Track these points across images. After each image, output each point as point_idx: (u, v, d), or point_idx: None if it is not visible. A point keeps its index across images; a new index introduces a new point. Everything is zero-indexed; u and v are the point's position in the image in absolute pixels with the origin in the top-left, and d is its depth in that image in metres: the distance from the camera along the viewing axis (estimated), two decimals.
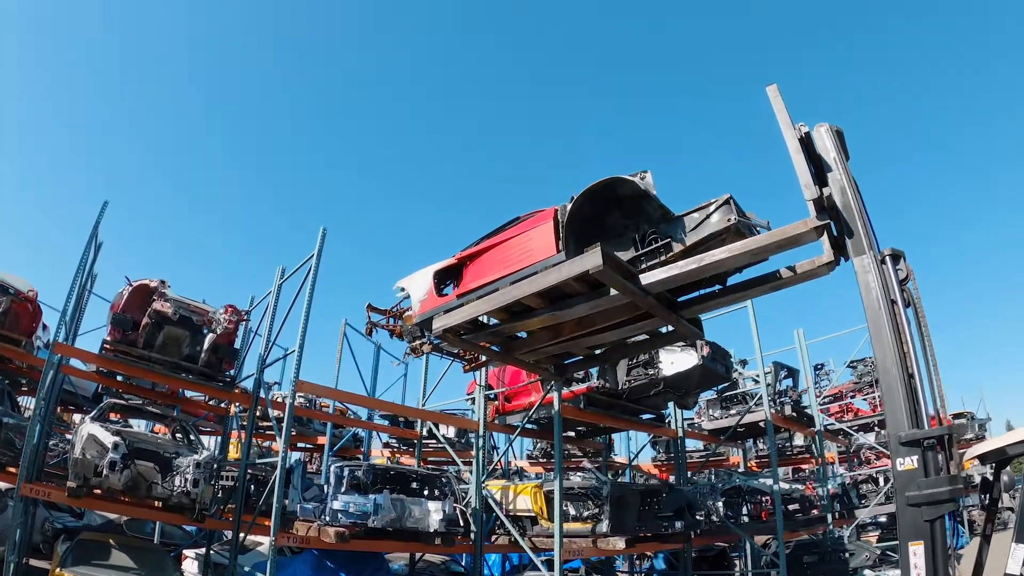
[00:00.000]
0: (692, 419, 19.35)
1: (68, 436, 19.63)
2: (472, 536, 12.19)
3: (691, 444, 20.82)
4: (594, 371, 13.36)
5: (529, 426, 14.14)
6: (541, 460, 23.59)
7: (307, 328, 10.79)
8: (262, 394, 12.05)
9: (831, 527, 18.48)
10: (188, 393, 15.69)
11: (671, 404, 15.16)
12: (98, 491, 10.38)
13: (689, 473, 17.33)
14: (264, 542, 11.65)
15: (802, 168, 5.89)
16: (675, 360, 12.27)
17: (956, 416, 29.26)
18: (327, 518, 10.58)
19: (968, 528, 27.95)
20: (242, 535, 11.31)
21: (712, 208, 6.81)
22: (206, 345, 11.86)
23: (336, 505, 10.53)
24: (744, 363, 18.32)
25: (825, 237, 6.18)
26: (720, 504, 15.48)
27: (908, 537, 4.92)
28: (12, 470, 10.64)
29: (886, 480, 20.68)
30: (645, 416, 14.66)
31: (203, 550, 13.25)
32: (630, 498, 12.55)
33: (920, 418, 5.17)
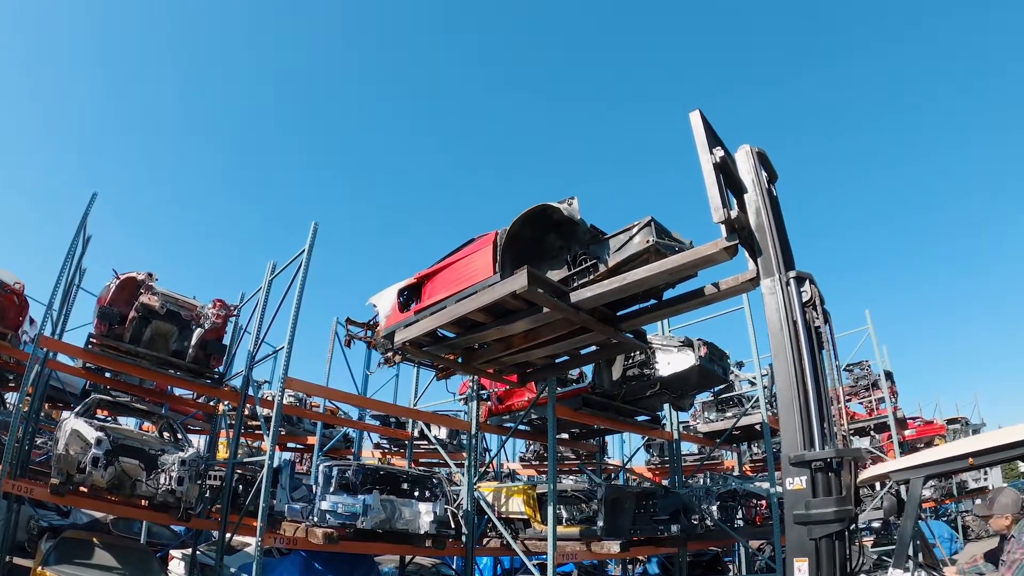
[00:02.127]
0: (687, 422, 19.21)
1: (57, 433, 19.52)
2: (463, 539, 12.03)
3: (686, 447, 20.68)
4: (588, 371, 13.25)
5: (522, 427, 13.99)
6: (534, 463, 23.41)
7: (297, 324, 10.60)
8: (251, 392, 11.86)
9: None
10: (176, 391, 15.51)
11: (667, 406, 15.02)
12: (83, 489, 10.15)
13: (684, 477, 17.18)
14: (251, 543, 11.43)
15: (713, 192, 6.11)
16: (672, 360, 12.11)
17: (951, 421, 29.33)
18: (315, 519, 10.39)
19: (963, 534, 28.02)
20: (228, 535, 11.10)
21: (635, 230, 7.35)
22: (194, 340, 11.66)
23: (324, 505, 10.34)
24: (740, 365, 18.20)
25: (747, 254, 6.44)
26: (715, 508, 15.34)
27: (794, 553, 5.15)
28: None
29: (882, 485, 20.54)
30: (640, 418, 14.50)
31: (190, 551, 13.05)
32: (625, 501, 12.40)
33: (812, 439, 5.31)
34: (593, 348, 9.96)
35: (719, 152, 6.21)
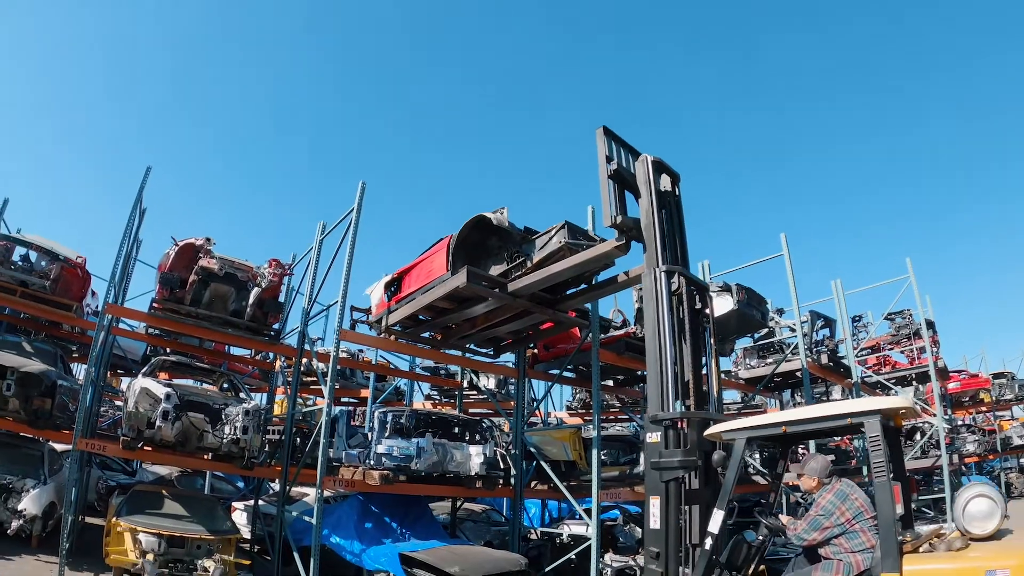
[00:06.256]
0: (728, 369, 19.29)
1: (117, 402, 20.29)
2: (512, 481, 12.46)
3: (727, 395, 20.72)
4: (632, 316, 13.51)
5: (568, 374, 14.31)
6: (580, 411, 23.68)
7: (350, 279, 10.96)
8: (307, 347, 12.36)
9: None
10: (234, 351, 16.08)
11: None
12: (149, 447, 10.64)
13: None
14: (310, 493, 11.94)
15: (606, 200, 7.60)
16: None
17: (996, 376, 29.12)
18: (371, 462, 10.91)
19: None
20: (289, 483, 11.62)
21: (554, 232, 8.86)
22: (251, 300, 12.06)
23: (380, 449, 10.85)
24: (781, 312, 18.21)
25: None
26: (756, 455, 15.56)
27: (650, 493, 6.33)
28: (67, 432, 10.98)
29: (921, 434, 20.48)
30: None
31: (251, 502, 13.69)
32: None
33: (667, 402, 6.53)
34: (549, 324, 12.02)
35: (613, 165, 7.60)
